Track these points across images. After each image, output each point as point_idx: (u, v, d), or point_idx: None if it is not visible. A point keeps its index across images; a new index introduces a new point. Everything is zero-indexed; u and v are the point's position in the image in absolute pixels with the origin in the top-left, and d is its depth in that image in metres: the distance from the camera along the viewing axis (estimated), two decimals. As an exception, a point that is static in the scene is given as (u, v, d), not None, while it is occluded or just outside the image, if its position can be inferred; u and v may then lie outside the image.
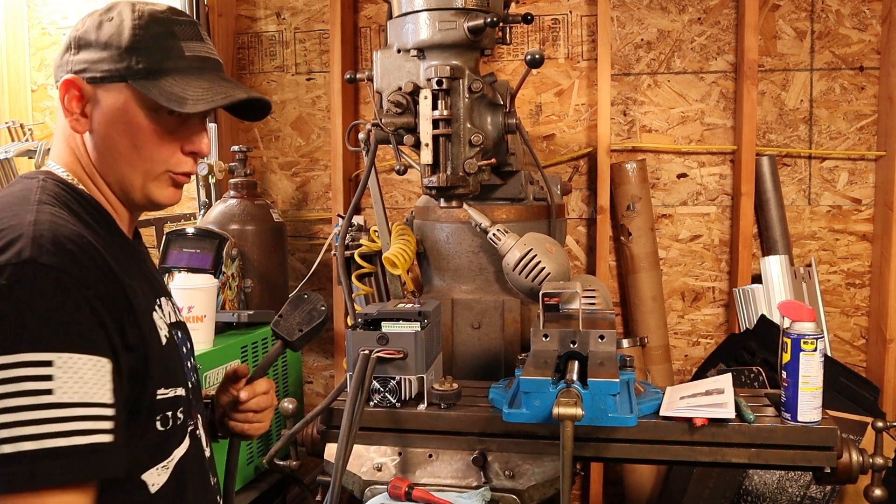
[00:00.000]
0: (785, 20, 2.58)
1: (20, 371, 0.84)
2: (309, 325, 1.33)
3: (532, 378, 1.34)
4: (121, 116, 1.04)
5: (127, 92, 1.03)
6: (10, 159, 2.50)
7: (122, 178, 1.07)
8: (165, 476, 1.03)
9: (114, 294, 0.94)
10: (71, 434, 0.85)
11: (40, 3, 3.00)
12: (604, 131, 2.59)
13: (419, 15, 1.68)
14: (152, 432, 1.01)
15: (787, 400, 1.46)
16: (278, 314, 1.34)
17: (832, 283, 2.62)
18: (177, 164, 1.08)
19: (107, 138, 1.05)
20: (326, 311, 1.34)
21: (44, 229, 0.92)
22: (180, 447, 1.07)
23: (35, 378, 0.84)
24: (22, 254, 0.88)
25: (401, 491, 1.46)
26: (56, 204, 0.99)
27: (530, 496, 1.48)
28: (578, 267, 2.75)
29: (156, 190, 1.09)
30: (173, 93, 1.03)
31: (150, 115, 1.04)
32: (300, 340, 1.33)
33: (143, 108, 1.04)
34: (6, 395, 0.83)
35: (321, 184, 2.93)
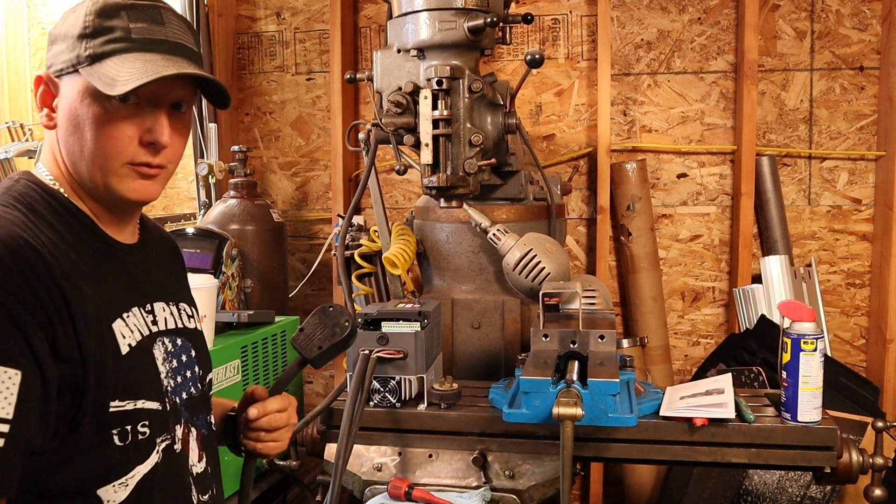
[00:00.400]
0: (785, 20, 2.58)
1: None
2: (330, 341, 1.22)
3: (532, 378, 1.34)
4: (75, 108, 0.99)
5: (79, 82, 0.99)
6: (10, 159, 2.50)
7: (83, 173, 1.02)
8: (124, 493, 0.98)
9: (43, 301, 0.90)
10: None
11: (40, 3, 3.00)
12: (604, 131, 2.59)
13: (419, 15, 1.68)
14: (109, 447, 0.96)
15: (787, 400, 1.46)
16: (300, 327, 1.25)
17: (832, 283, 2.62)
18: (134, 155, 1.00)
19: (66, 132, 1.01)
20: (352, 326, 1.23)
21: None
22: (144, 464, 1.01)
23: None
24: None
25: (401, 491, 1.46)
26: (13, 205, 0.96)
27: (530, 496, 1.48)
28: (578, 267, 2.75)
29: (118, 184, 1.01)
30: (107, 74, 0.97)
31: (100, 104, 0.98)
32: (319, 358, 1.23)
33: (92, 98, 0.98)
34: None
35: (321, 184, 2.93)
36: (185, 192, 3.06)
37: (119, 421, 0.97)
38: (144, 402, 1.00)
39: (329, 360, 1.25)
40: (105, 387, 0.95)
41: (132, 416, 0.98)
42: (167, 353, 1.08)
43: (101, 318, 0.97)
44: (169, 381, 1.07)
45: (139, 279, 1.08)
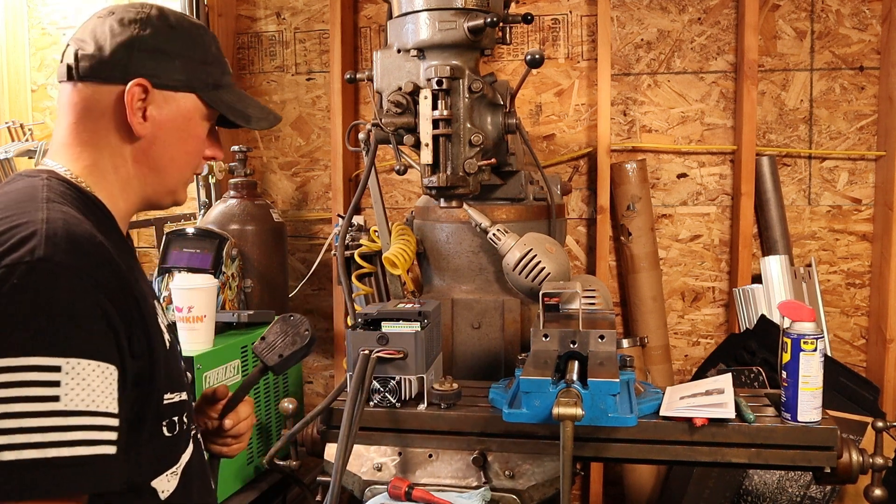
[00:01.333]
0: (785, 20, 2.58)
1: (28, 375, 0.81)
2: (290, 348, 1.28)
3: (532, 378, 1.34)
4: (183, 124, 1.09)
5: (192, 101, 1.09)
6: (10, 159, 2.50)
7: (163, 182, 1.11)
8: (175, 482, 1.02)
9: (125, 298, 0.92)
10: (75, 444, 0.83)
11: (40, 3, 3.00)
12: (604, 131, 2.59)
13: (419, 15, 1.68)
14: (160, 438, 1.00)
15: (787, 400, 1.46)
16: (262, 335, 1.31)
17: (832, 283, 2.62)
18: (198, 167, 1.16)
19: (160, 144, 1.07)
20: (312, 334, 1.29)
21: (58, 227, 0.89)
22: (186, 452, 1.06)
23: (42, 384, 0.82)
24: (35, 252, 0.85)
25: (401, 491, 1.46)
26: (64, 203, 0.97)
27: (530, 496, 1.48)
28: (578, 267, 2.75)
29: (181, 192, 1.15)
30: (237, 109, 1.13)
31: (202, 125, 1.11)
32: (280, 365, 1.28)
33: (201, 118, 1.11)
34: (12, 399, 0.80)
35: (321, 184, 2.93)
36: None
37: (169, 413, 1.02)
38: (182, 393, 1.06)
39: (289, 368, 1.31)
40: (162, 380, 0.99)
41: (178, 408, 1.04)
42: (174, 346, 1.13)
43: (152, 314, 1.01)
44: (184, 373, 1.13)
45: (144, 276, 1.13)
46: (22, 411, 0.81)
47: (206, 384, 1.80)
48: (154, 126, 1.06)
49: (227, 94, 1.13)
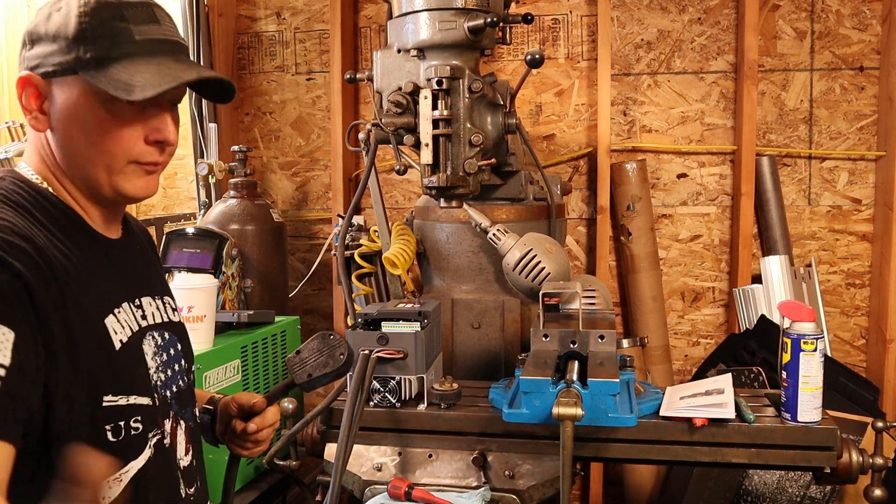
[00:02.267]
0: (785, 20, 2.58)
1: None
2: (322, 370, 1.25)
3: (532, 378, 1.34)
4: (75, 111, 0.99)
5: (80, 84, 0.99)
6: (10, 159, 2.50)
7: (86, 174, 1.03)
8: (118, 489, 0.99)
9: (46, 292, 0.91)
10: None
11: (40, 3, 2.99)
12: (604, 131, 2.59)
13: (419, 15, 1.68)
14: (102, 442, 0.97)
15: (787, 400, 1.46)
16: (298, 349, 1.28)
17: (832, 283, 2.62)
18: (140, 155, 1.03)
19: (65, 135, 1.01)
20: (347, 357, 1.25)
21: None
22: (137, 459, 1.02)
23: None
24: None
25: (401, 491, 1.46)
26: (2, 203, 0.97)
27: (530, 496, 1.48)
28: (578, 267, 2.75)
29: (124, 183, 1.03)
30: (121, 80, 0.97)
31: (105, 107, 0.99)
32: (308, 384, 1.26)
33: (96, 100, 0.99)
34: None
35: (321, 184, 2.93)
36: (185, 192, 3.06)
37: (112, 416, 0.98)
38: (136, 397, 1.02)
39: (318, 387, 1.28)
40: (98, 382, 0.96)
41: (125, 412, 1.00)
42: (157, 348, 1.10)
43: (94, 314, 0.98)
44: (159, 376, 1.09)
45: (128, 274, 1.10)
46: None
47: (206, 384, 1.80)
48: (53, 119, 1.01)
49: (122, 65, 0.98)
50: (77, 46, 0.97)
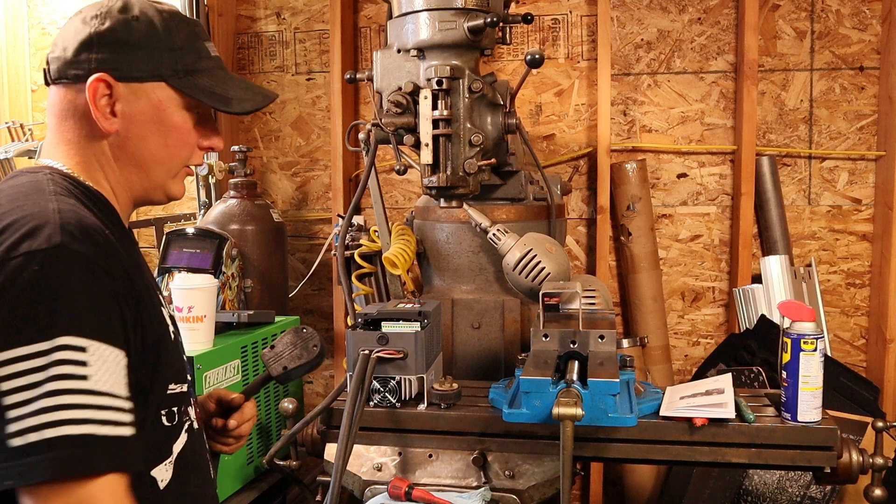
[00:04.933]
0: (785, 20, 2.58)
1: (59, 355, 0.84)
2: (296, 362, 1.32)
3: (532, 378, 1.34)
4: (156, 115, 1.05)
5: (163, 91, 1.05)
6: (10, 159, 2.50)
7: (149, 175, 1.08)
8: (170, 473, 1.03)
9: (131, 289, 0.95)
10: (104, 423, 0.85)
11: (40, 3, 3.00)
12: (604, 131, 2.59)
13: (419, 15, 1.68)
14: (159, 427, 1.01)
15: (787, 400, 1.46)
16: (271, 343, 1.35)
17: (832, 283, 2.62)
18: (192, 159, 1.12)
19: (136, 137, 1.05)
20: (321, 349, 1.32)
21: (70, 217, 0.91)
22: (177, 442, 1.06)
23: (72, 362, 0.84)
24: (52, 239, 0.87)
25: (401, 491, 1.46)
26: (70, 196, 0.99)
27: (530, 496, 1.48)
28: (578, 267, 2.75)
29: (175, 185, 1.12)
30: (215, 92, 1.07)
31: (182, 114, 1.07)
32: (283, 376, 1.32)
33: (176, 107, 1.06)
34: (48, 379, 0.83)
35: (321, 184, 2.93)
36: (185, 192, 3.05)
37: (170, 402, 1.03)
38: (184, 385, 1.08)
39: (294, 379, 1.36)
40: (167, 370, 1.01)
41: (179, 399, 1.06)
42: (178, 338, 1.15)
43: (156, 305, 1.03)
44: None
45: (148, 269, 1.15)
46: (58, 389, 0.83)
47: (206, 384, 1.80)
48: (125, 121, 1.04)
49: (206, 78, 1.08)
50: (169, 55, 1.05)
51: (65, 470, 0.82)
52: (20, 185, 0.99)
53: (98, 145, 1.05)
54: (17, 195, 0.96)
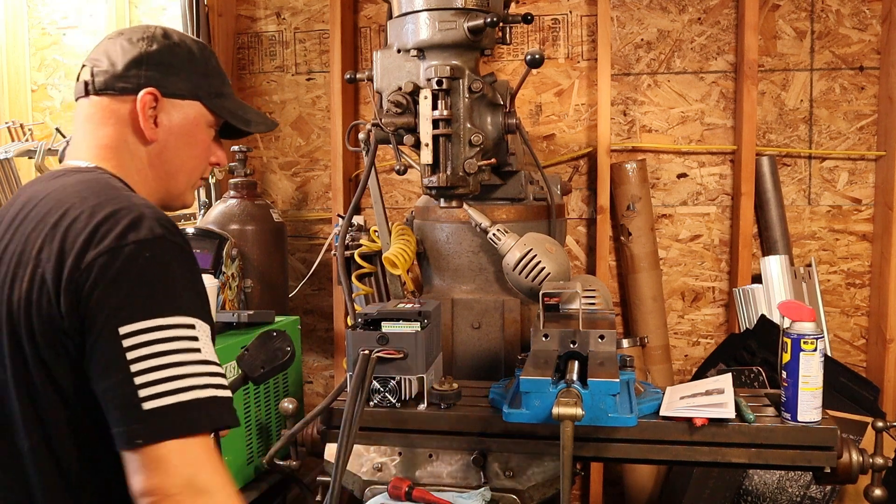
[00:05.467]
0: (785, 20, 2.58)
1: (177, 332, 0.97)
2: (271, 364, 1.42)
3: (532, 378, 1.34)
4: (190, 129, 1.20)
5: (196, 108, 1.20)
6: (10, 159, 2.50)
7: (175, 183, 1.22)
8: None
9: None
10: (216, 387, 0.98)
11: (40, 3, 3.00)
12: (604, 131, 2.59)
13: (419, 15, 1.68)
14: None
15: (787, 400, 1.46)
16: (245, 348, 1.44)
17: (832, 283, 2.62)
18: (206, 172, 1.29)
19: (171, 148, 1.19)
20: (292, 351, 1.44)
21: (158, 212, 1.04)
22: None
23: (187, 338, 0.97)
24: (154, 231, 1.00)
25: (401, 491, 1.46)
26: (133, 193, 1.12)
27: (530, 496, 1.48)
28: (578, 267, 2.75)
29: (190, 195, 1.27)
30: (237, 114, 1.26)
31: (208, 131, 1.23)
32: (261, 377, 1.43)
33: (205, 125, 1.22)
34: (171, 351, 0.96)
35: (321, 184, 2.93)
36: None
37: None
38: None
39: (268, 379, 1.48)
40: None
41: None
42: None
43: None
44: None
45: None
46: (183, 360, 0.96)
47: (206, 384, 1.80)
48: (164, 132, 1.18)
49: (229, 102, 1.25)
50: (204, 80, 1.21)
51: (199, 427, 0.96)
52: (90, 181, 1.09)
53: (136, 151, 1.17)
54: (97, 189, 1.07)
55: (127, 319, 0.95)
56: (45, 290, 0.99)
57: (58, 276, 0.98)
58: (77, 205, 1.03)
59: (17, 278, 1.02)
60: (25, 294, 1.00)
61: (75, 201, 1.04)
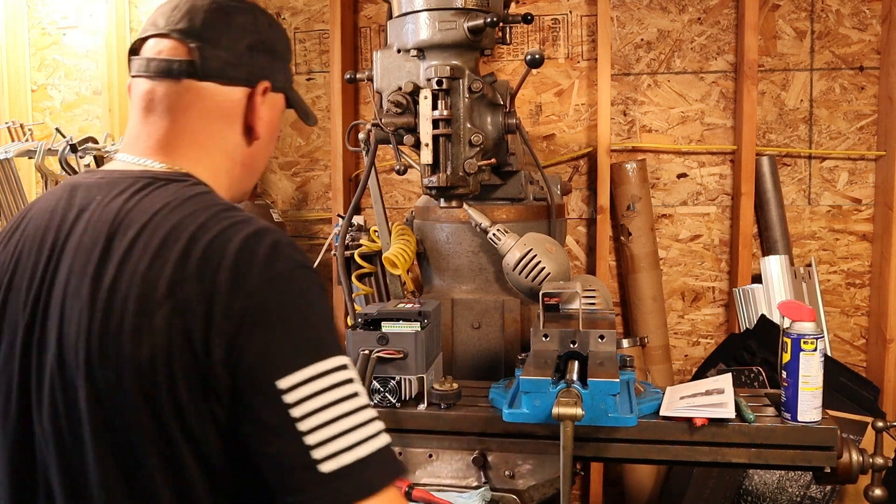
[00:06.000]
0: (785, 20, 2.58)
1: (336, 376, 0.84)
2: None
3: (532, 378, 1.34)
4: (277, 125, 1.08)
5: (281, 101, 1.08)
6: (10, 159, 2.50)
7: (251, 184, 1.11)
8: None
9: None
10: (384, 432, 0.86)
11: (40, 3, 2.99)
12: (604, 131, 2.59)
13: (419, 15, 1.68)
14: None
15: (787, 400, 1.46)
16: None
17: (832, 283, 2.62)
18: None
19: (262, 146, 1.06)
20: None
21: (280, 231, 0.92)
22: None
23: (346, 382, 0.84)
24: (294, 258, 0.88)
25: (401, 491, 1.46)
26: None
27: (530, 496, 1.48)
28: (578, 267, 2.75)
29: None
30: (302, 106, 1.13)
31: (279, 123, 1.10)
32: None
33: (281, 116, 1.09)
34: (338, 400, 0.83)
35: (321, 184, 2.93)
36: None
37: None
38: None
39: None
40: None
41: None
42: None
43: None
44: None
45: None
46: (346, 411, 0.83)
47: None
48: (264, 128, 1.05)
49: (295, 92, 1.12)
50: (289, 68, 1.08)
51: (381, 482, 0.83)
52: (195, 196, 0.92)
53: (233, 150, 1.03)
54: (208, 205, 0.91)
55: (284, 371, 0.82)
56: (190, 342, 0.82)
57: (206, 325, 0.82)
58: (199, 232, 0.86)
59: (142, 329, 0.83)
60: (164, 348, 0.82)
61: (194, 229, 0.87)
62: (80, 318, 0.85)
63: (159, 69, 0.98)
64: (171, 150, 0.99)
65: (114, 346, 0.83)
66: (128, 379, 0.83)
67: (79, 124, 2.97)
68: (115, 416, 0.84)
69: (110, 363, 0.83)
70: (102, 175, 0.98)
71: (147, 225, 0.88)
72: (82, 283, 0.86)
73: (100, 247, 0.88)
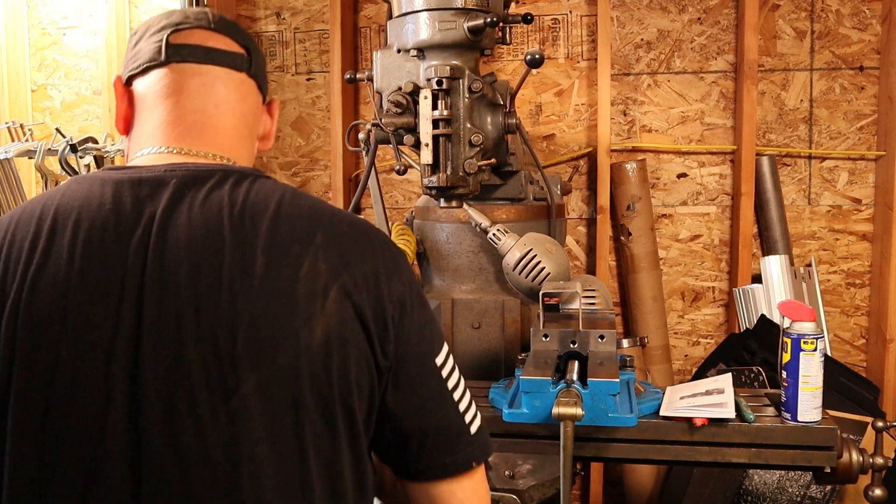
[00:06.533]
0: (785, 20, 2.58)
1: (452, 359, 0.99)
2: None
3: (532, 378, 1.34)
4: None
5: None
6: (10, 159, 2.50)
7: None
8: None
9: None
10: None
11: (40, 3, 2.99)
12: (604, 131, 2.59)
13: (419, 15, 1.68)
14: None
15: (787, 400, 1.46)
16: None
17: (832, 283, 2.62)
18: None
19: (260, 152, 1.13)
20: None
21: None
22: None
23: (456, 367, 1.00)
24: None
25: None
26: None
27: (530, 496, 1.48)
28: (578, 267, 2.75)
29: None
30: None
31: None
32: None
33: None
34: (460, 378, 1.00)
35: (321, 184, 2.93)
36: (185, 192, 3.05)
37: None
38: None
39: None
40: None
41: None
42: None
43: None
44: None
45: None
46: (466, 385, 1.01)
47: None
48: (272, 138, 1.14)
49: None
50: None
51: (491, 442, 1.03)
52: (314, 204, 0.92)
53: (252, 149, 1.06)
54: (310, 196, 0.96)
55: (437, 348, 0.96)
56: (362, 321, 0.85)
57: (375, 306, 0.86)
58: (335, 218, 0.90)
59: (314, 313, 0.82)
60: (336, 330, 0.83)
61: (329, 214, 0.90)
62: (234, 310, 0.80)
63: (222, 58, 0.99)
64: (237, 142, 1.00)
65: (288, 332, 0.82)
66: (302, 364, 0.82)
67: (79, 124, 2.97)
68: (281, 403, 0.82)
69: (286, 350, 0.81)
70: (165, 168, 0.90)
71: (279, 212, 0.86)
72: (220, 274, 0.81)
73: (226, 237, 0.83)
